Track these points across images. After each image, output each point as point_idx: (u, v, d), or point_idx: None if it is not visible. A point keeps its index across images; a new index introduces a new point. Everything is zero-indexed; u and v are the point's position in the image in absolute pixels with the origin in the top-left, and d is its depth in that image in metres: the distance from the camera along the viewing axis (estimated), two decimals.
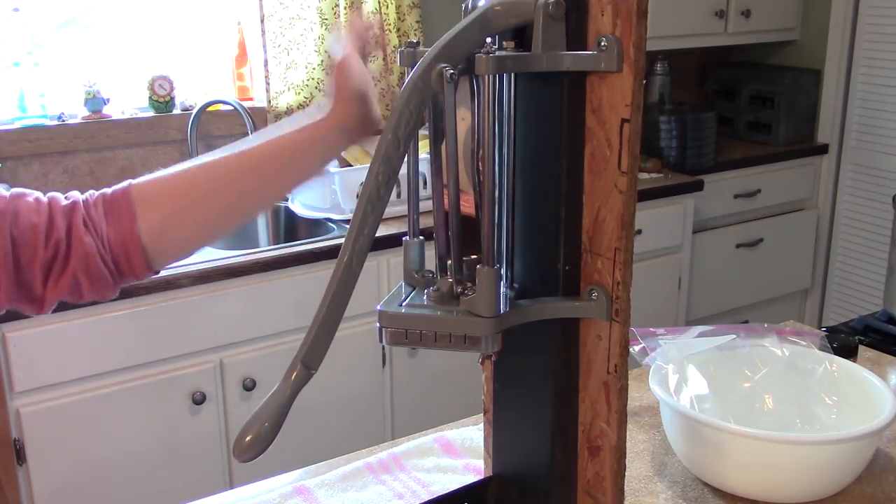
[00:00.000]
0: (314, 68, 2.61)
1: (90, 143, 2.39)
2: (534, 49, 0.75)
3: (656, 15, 2.78)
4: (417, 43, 0.78)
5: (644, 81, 0.73)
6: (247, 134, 2.47)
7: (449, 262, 0.78)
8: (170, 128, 2.50)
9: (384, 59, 2.72)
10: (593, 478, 0.85)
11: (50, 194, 0.90)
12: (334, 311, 0.70)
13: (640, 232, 2.63)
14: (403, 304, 0.77)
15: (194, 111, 2.47)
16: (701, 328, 1.19)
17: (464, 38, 0.73)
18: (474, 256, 0.79)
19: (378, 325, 0.76)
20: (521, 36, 0.76)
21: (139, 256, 0.89)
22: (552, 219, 0.79)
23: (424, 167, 0.84)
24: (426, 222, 0.74)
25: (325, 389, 2.18)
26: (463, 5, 0.79)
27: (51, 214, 0.87)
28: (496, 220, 0.78)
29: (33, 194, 0.89)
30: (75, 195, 0.91)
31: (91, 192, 0.92)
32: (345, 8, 2.56)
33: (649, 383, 1.09)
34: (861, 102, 3.18)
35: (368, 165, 0.71)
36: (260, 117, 2.59)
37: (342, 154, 2.42)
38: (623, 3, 0.72)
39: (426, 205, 0.89)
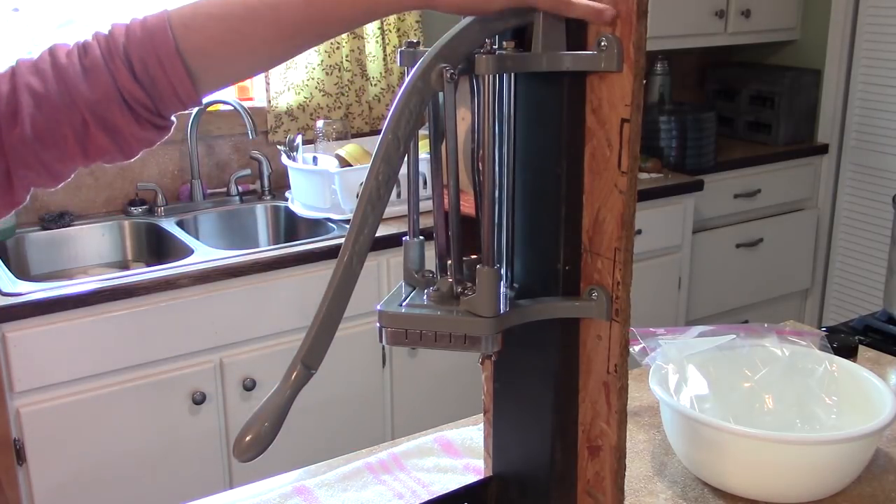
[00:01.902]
0: (314, 68, 2.61)
1: None
2: (534, 49, 0.75)
3: (656, 15, 2.78)
4: (417, 43, 0.78)
5: (644, 81, 0.74)
6: (247, 135, 2.48)
7: (449, 262, 0.78)
8: None
9: (384, 59, 2.72)
10: (593, 478, 0.85)
11: (59, 75, 0.77)
12: (334, 311, 0.70)
13: (640, 232, 2.63)
14: (403, 304, 0.77)
15: (194, 111, 2.47)
16: (701, 328, 1.19)
17: (464, 38, 0.73)
18: (474, 256, 0.79)
19: (378, 325, 0.76)
20: (521, 36, 0.76)
21: (195, 101, 0.80)
22: (552, 219, 0.79)
23: (424, 167, 0.84)
24: (426, 222, 0.74)
25: (325, 389, 2.18)
26: None
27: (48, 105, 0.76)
28: (496, 220, 0.78)
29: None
30: (97, 64, 0.77)
31: (109, 37, 0.79)
32: None
33: (649, 383, 1.09)
34: (861, 102, 3.18)
35: (368, 165, 0.71)
36: (260, 117, 2.59)
37: (342, 154, 2.42)
38: (623, 3, 0.72)
39: (426, 205, 0.89)
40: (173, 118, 0.84)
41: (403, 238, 0.82)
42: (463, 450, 1.17)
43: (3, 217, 0.83)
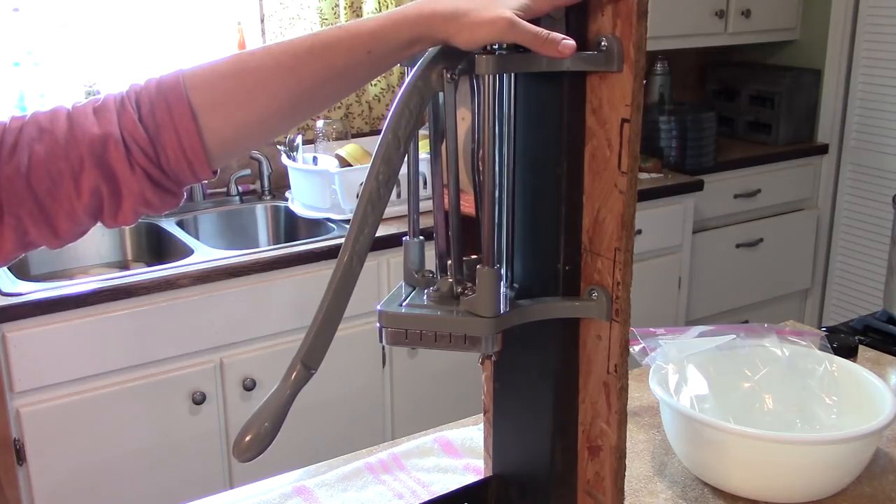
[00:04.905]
0: None
1: None
2: None
3: (656, 15, 2.78)
4: None
5: (644, 81, 0.73)
6: None
7: (449, 262, 0.78)
8: None
9: None
10: (593, 478, 0.85)
11: (69, 117, 0.78)
12: (334, 311, 0.70)
13: (640, 232, 2.63)
14: (403, 304, 0.77)
15: None
16: (701, 328, 1.19)
17: None
18: (474, 256, 0.79)
19: (378, 325, 0.76)
20: None
21: (203, 164, 0.79)
22: (552, 219, 0.79)
23: (424, 167, 0.84)
24: (426, 222, 0.74)
25: (325, 389, 2.18)
26: None
27: (79, 159, 0.77)
28: (496, 220, 0.78)
29: (46, 124, 0.78)
30: (107, 107, 0.79)
31: (126, 92, 0.80)
32: (345, 8, 2.56)
33: (649, 383, 1.09)
34: (861, 102, 3.18)
35: (368, 165, 0.71)
36: None
37: (342, 154, 2.41)
38: (623, 3, 0.72)
39: (426, 205, 0.89)
40: (184, 191, 0.82)
41: (403, 238, 0.82)
42: (463, 450, 1.17)
43: None
